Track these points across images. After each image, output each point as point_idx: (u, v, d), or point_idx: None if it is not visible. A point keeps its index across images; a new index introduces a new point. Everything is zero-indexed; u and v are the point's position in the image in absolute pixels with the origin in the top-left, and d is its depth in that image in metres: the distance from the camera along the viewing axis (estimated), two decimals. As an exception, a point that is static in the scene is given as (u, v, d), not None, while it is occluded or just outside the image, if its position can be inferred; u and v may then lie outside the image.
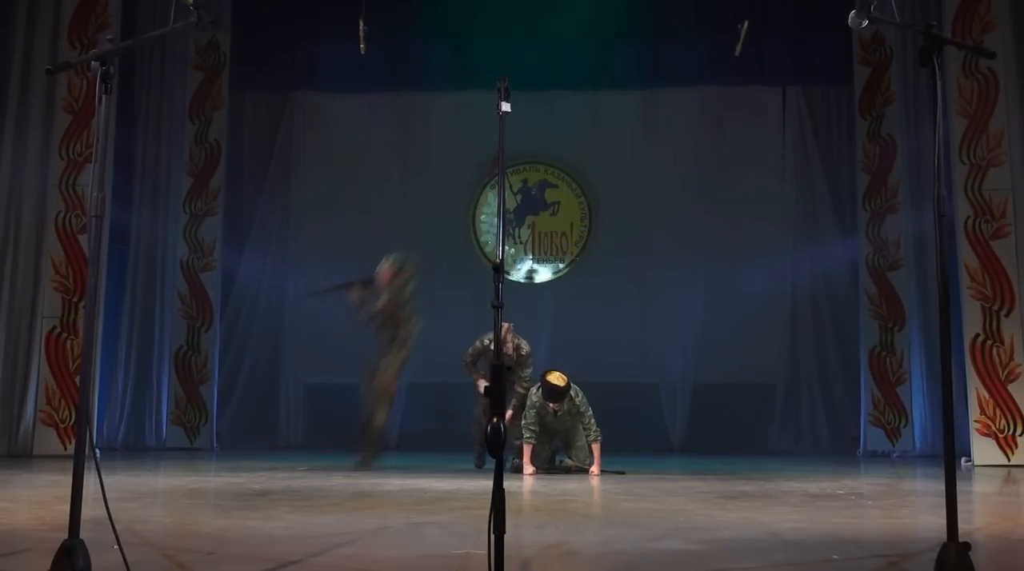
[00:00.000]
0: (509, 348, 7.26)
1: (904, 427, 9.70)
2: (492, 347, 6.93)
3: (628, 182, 11.12)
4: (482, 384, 7.18)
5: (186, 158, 10.29)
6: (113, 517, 2.74)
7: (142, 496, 5.21)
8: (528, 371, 7.39)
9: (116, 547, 2.69)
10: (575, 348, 9.78)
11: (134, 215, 10.14)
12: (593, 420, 7.06)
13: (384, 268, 7.49)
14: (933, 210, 2.83)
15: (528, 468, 6.94)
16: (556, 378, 6.89)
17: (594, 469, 7.00)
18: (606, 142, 11.19)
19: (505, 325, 6.98)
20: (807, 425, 10.55)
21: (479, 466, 7.28)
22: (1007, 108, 8.44)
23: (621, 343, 10.49)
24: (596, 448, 7.04)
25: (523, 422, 7.07)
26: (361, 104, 11.31)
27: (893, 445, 9.68)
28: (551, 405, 6.93)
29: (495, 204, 10.92)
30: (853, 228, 10.35)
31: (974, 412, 8.14)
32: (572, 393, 7.01)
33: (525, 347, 7.38)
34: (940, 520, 2.75)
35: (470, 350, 7.46)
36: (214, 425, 10.11)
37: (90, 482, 2.69)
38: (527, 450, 7.02)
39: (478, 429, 7.35)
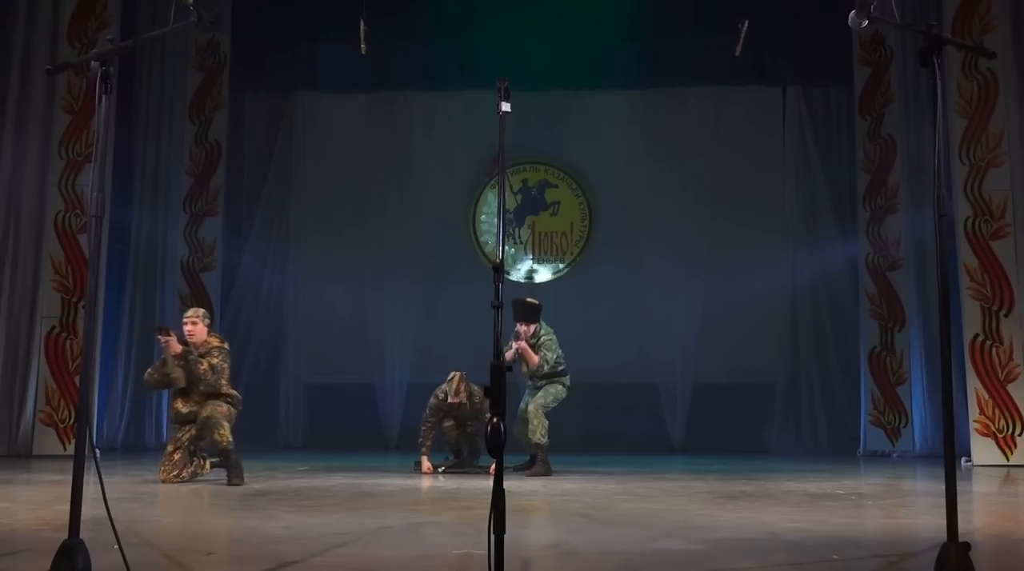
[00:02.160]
0: (462, 397, 7.12)
1: (904, 427, 9.69)
2: (447, 398, 7.04)
3: (628, 182, 11.10)
4: (425, 464, 7.18)
5: (186, 158, 10.27)
6: (113, 517, 2.74)
7: (142, 496, 5.21)
8: (487, 416, 7.11)
9: (116, 547, 2.69)
10: (575, 348, 9.74)
11: (134, 215, 10.11)
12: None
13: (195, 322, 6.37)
14: (933, 210, 2.84)
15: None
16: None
17: None
18: (606, 142, 11.17)
19: (457, 374, 7.09)
20: (807, 425, 10.53)
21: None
22: (1007, 108, 8.44)
23: (621, 343, 10.48)
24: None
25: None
26: (361, 104, 11.29)
27: (893, 445, 9.67)
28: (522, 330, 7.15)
29: (495, 204, 10.91)
30: (853, 228, 10.33)
31: (974, 412, 8.16)
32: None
33: (478, 394, 7.18)
34: (940, 520, 2.76)
35: (427, 412, 7.30)
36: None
37: (90, 482, 2.69)
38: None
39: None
